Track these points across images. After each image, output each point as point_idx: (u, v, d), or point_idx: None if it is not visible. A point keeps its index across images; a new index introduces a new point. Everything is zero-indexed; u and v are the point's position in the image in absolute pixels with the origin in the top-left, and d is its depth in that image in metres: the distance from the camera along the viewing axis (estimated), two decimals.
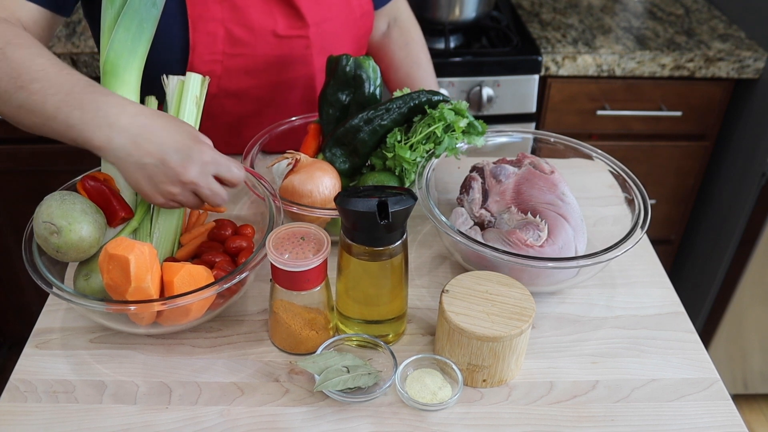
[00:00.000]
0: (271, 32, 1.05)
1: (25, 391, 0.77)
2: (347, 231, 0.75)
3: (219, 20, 1.02)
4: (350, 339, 0.82)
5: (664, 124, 1.77)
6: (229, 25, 1.03)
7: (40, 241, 0.78)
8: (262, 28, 1.05)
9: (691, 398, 0.79)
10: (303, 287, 0.76)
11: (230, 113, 1.12)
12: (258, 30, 1.05)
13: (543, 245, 0.86)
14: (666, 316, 0.89)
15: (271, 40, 1.06)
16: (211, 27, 1.02)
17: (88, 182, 0.83)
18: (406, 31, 1.28)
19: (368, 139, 0.96)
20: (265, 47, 1.06)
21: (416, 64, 1.26)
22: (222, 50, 1.03)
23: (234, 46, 1.04)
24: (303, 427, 0.74)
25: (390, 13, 1.28)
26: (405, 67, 1.26)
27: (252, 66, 1.07)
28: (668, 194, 1.90)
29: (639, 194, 0.92)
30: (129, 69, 0.87)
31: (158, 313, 0.78)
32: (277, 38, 1.06)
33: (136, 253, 0.73)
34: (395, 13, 1.29)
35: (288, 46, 1.08)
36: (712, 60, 1.66)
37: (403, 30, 1.28)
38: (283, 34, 1.06)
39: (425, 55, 1.28)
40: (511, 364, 0.78)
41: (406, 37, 1.27)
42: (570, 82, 1.69)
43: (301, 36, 1.08)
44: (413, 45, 1.27)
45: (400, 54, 1.26)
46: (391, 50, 1.27)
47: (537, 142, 1.05)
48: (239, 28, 1.03)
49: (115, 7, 0.87)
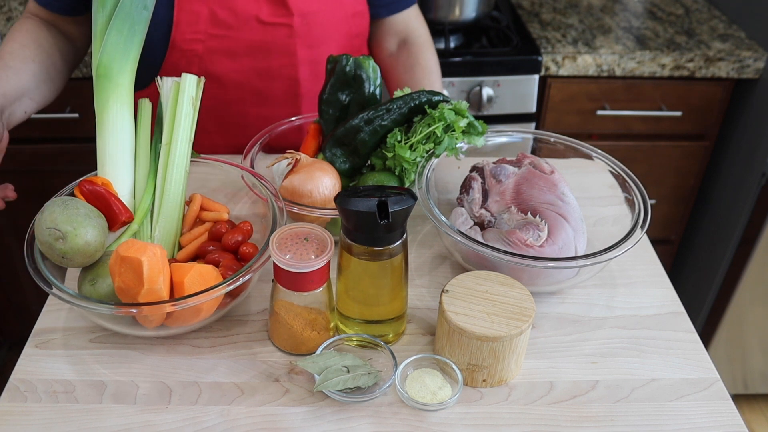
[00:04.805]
0: (255, 17, 1.06)
1: (25, 391, 0.77)
2: (347, 231, 0.75)
3: (203, 1, 1.03)
4: (350, 339, 0.82)
5: (664, 124, 1.77)
6: (213, 6, 1.04)
7: (44, 248, 0.77)
8: (246, 12, 1.06)
9: (691, 398, 0.79)
10: (306, 288, 0.76)
11: (212, 97, 1.13)
12: (241, 13, 1.06)
13: (543, 245, 0.86)
14: (666, 316, 0.89)
15: (254, 25, 1.07)
16: (195, 6, 1.04)
17: (86, 186, 0.83)
18: (414, 54, 1.25)
19: (368, 139, 0.96)
20: (247, 32, 1.07)
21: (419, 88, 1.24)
22: (204, 30, 1.05)
23: (217, 26, 1.05)
24: (303, 427, 0.74)
25: (400, 31, 1.26)
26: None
27: (234, 49, 1.08)
28: (668, 194, 1.90)
29: (639, 194, 0.92)
30: (122, 72, 0.88)
31: (168, 314, 0.78)
32: (261, 24, 1.07)
33: (149, 254, 0.73)
34: (406, 32, 1.26)
35: (271, 33, 1.08)
36: (712, 60, 1.66)
37: (411, 53, 1.25)
38: (266, 20, 1.07)
39: (429, 81, 1.24)
40: (511, 364, 0.78)
41: (413, 60, 1.25)
42: (570, 82, 1.69)
43: (284, 24, 1.08)
44: (417, 69, 1.24)
45: (404, 77, 1.25)
46: (397, 72, 1.26)
47: (537, 142, 1.05)
48: (223, 10, 1.05)
49: (107, 10, 0.88)
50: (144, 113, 0.91)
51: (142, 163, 0.90)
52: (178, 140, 0.88)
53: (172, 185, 0.87)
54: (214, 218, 0.90)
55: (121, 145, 0.87)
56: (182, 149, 0.88)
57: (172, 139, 0.88)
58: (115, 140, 0.87)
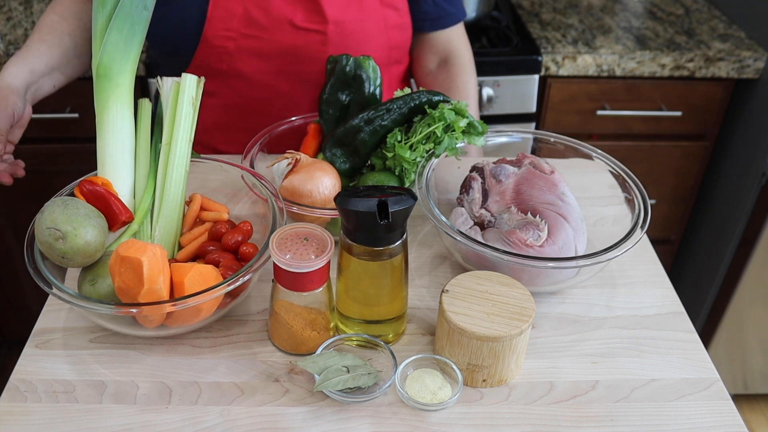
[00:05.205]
0: (288, 21, 1.06)
1: (25, 391, 0.77)
2: (347, 231, 0.75)
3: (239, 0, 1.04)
4: (350, 339, 0.82)
5: (664, 124, 1.77)
6: (248, 6, 1.04)
7: (44, 248, 0.77)
8: (280, 15, 1.06)
9: (691, 398, 0.79)
10: (306, 288, 0.76)
11: (239, 95, 1.13)
12: (275, 16, 1.06)
13: (543, 245, 0.86)
14: (666, 316, 0.89)
15: (287, 29, 1.07)
16: (231, 3, 1.04)
17: (86, 186, 0.83)
18: (453, 75, 1.23)
19: (369, 140, 0.96)
20: (280, 35, 1.07)
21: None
22: (237, 28, 1.05)
23: (249, 26, 1.05)
24: (303, 427, 0.74)
25: (441, 50, 1.25)
26: None
27: (265, 50, 1.08)
28: (668, 194, 1.90)
29: (639, 194, 0.92)
30: (122, 72, 0.88)
31: (168, 314, 0.78)
32: (294, 28, 1.07)
33: (149, 254, 0.73)
34: (448, 51, 1.25)
35: (303, 38, 1.08)
36: (712, 60, 1.66)
37: (450, 74, 1.23)
38: (300, 25, 1.07)
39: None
40: (511, 364, 0.78)
41: (450, 82, 1.23)
42: (570, 82, 1.69)
43: (318, 31, 1.08)
44: (454, 91, 1.22)
45: None
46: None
47: (537, 142, 1.05)
48: (258, 10, 1.05)
49: (107, 10, 0.87)
50: (144, 113, 0.91)
51: (142, 163, 0.90)
52: (178, 140, 0.88)
53: (172, 185, 0.87)
54: (214, 218, 0.90)
55: (121, 145, 0.87)
56: (182, 149, 0.88)
57: (172, 139, 0.88)
58: (115, 140, 0.87)
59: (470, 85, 1.25)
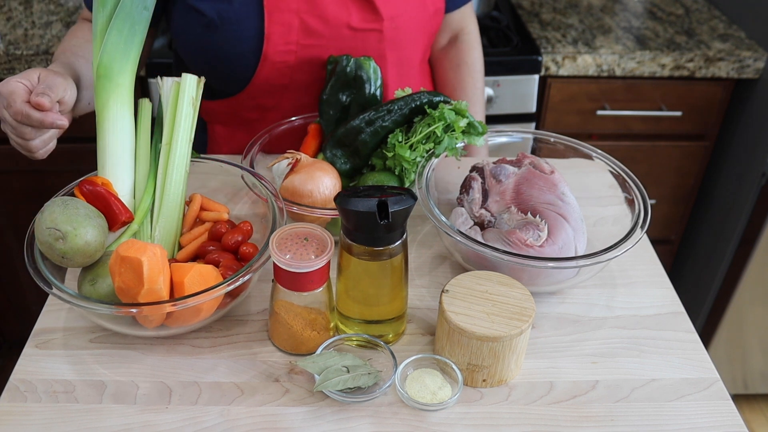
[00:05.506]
0: (346, 24, 1.06)
1: (25, 391, 0.77)
2: (347, 231, 0.75)
3: (294, 11, 1.03)
4: (350, 339, 0.82)
5: (664, 124, 1.77)
6: (305, 16, 1.04)
7: (44, 248, 0.77)
8: (337, 20, 1.06)
9: (691, 398, 0.79)
10: (306, 288, 0.76)
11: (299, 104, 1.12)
12: (333, 21, 1.05)
13: (543, 245, 0.86)
14: (666, 316, 0.89)
15: (345, 33, 1.07)
16: (286, 17, 1.03)
17: (86, 186, 0.83)
18: (463, 51, 1.26)
19: (369, 140, 0.96)
20: (338, 39, 1.07)
21: (461, 88, 1.25)
22: (296, 40, 1.04)
23: (308, 36, 1.05)
24: (303, 427, 0.74)
25: (454, 28, 1.26)
26: (449, 87, 1.26)
27: (325, 57, 1.07)
28: (668, 194, 1.90)
29: (639, 194, 0.92)
30: (122, 72, 0.88)
31: (168, 314, 0.78)
32: (352, 31, 1.07)
33: (149, 254, 0.73)
34: (459, 29, 1.27)
35: (361, 39, 1.08)
36: (712, 60, 1.66)
37: (459, 50, 1.26)
38: (357, 26, 1.07)
39: (472, 79, 1.25)
40: (511, 364, 0.78)
41: (459, 59, 1.26)
42: (570, 82, 1.69)
43: (374, 30, 1.08)
44: (463, 67, 1.25)
45: (449, 75, 1.26)
46: (443, 67, 1.27)
47: (537, 142, 1.05)
48: (314, 19, 1.04)
49: (107, 11, 0.87)
50: (144, 113, 0.91)
51: (142, 163, 0.90)
52: (178, 140, 0.88)
53: (172, 185, 0.87)
54: (214, 218, 0.90)
55: (121, 145, 0.87)
56: (182, 149, 0.88)
57: (172, 139, 0.88)
58: (115, 140, 0.87)
59: (478, 60, 1.28)
